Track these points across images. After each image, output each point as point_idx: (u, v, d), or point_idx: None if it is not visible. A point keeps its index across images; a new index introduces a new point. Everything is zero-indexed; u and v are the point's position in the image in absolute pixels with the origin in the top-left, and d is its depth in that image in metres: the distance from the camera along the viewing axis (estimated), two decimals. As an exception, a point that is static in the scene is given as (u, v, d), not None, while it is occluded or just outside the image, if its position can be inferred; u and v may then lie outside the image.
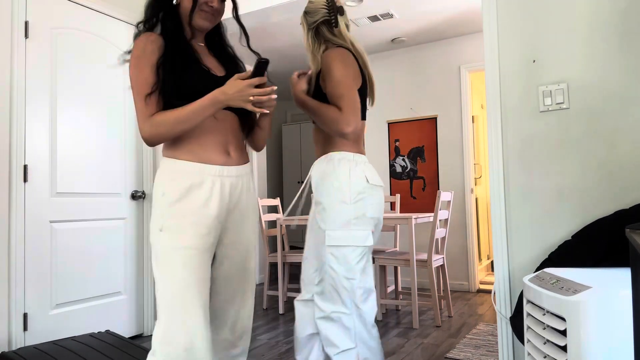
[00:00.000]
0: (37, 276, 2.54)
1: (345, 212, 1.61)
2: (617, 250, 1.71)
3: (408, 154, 4.95)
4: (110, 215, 2.95)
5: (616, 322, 1.31)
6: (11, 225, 2.43)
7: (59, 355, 2.04)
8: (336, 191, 1.62)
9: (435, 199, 3.90)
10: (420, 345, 2.91)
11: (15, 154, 2.46)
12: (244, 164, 1.42)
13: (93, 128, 2.87)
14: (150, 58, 1.29)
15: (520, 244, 2.05)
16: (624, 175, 1.86)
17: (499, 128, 2.11)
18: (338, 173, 1.64)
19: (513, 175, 2.08)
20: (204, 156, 1.32)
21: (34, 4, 2.60)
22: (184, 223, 1.28)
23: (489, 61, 2.14)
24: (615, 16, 1.90)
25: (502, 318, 2.08)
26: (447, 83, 4.77)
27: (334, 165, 1.65)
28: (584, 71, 1.95)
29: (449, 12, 4.14)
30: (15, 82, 2.48)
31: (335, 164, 1.65)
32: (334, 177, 1.64)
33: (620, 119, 1.88)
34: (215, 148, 1.34)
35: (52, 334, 2.59)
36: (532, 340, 1.58)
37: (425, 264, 3.41)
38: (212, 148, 1.33)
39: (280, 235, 3.91)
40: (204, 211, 1.30)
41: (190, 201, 1.29)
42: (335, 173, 1.64)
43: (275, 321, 3.60)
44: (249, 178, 1.44)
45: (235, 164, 1.37)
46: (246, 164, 1.43)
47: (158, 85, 1.28)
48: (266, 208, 5.58)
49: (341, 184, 1.62)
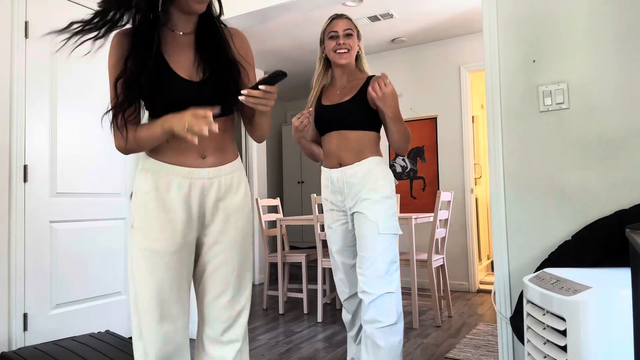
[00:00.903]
0: (37, 276, 2.54)
1: (391, 206, 1.96)
2: (617, 250, 1.71)
3: (408, 154, 4.95)
4: (110, 215, 2.95)
5: (616, 322, 1.31)
6: (11, 225, 2.43)
7: (59, 355, 2.04)
8: (382, 188, 1.95)
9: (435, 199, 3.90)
10: (420, 345, 2.91)
11: (15, 154, 2.46)
12: (223, 165, 1.38)
13: (93, 128, 2.87)
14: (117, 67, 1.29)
15: (520, 244, 2.05)
16: (624, 175, 1.86)
17: (499, 128, 2.10)
18: (385, 173, 1.99)
19: (513, 176, 2.08)
20: (174, 158, 1.32)
21: (34, 4, 2.60)
22: (151, 224, 1.29)
23: (489, 61, 2.14)
24: (615, 16, 1.90)
25: (502, 318, 2.08)
26: (447, 83, 4.77)
27: (381, 167, 1.99)
28: (584, 71, 1.95)
29: (449, 12, 4.14)
30: (15, 82, 2.48)
31: (381, 166, 2.00)
32: (378, 177, 1.96)
33: (620, 119, 1.88)
34: (188, 153, 1.33)
35: (52, 334, 2.59)
36: (532, 340, 1.58)
37: (425, 264, 3.41)
38: (184, 152, 1.33)
39: (280, 235, 3.91)
40: (170, 214, 1.30)
41: (157, 202, 1.30)
42: (382, 173, 1.98)
43: (275, 321, 3.60)
44: (232, 177, 1.40)
45: (209, 166, 1.35)
46: (226, 165, 1.39)
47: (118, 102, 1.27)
48: (266, 208, 5.58)
49: (386, 183, 1.97)
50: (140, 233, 1.30)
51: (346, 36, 2.05)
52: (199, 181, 1.34)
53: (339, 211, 2.07)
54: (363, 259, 1.93)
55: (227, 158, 1.40)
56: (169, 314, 1.31)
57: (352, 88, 2.07)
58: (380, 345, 1.87)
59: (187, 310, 1.36)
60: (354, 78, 2.11)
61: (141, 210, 1.31)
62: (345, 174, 1.99)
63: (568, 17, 1.98)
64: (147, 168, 1.34)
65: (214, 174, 1.36)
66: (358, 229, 1.97)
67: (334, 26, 2.07)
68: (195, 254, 1.40)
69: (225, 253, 1.39)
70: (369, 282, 1.90)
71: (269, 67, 5.57)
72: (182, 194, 1.32)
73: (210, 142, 1.36)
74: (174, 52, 1.33)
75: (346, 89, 2.08)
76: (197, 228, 1.36)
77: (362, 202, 1.96)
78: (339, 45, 2.04)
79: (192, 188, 1.33)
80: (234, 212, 1.40)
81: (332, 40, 2.06)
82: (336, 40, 2.05)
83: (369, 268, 1.91)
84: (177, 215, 1.31)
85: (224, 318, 1.39)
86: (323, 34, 2.12)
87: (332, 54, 2.07)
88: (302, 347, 2.91)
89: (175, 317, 1.32)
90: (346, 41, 2.04)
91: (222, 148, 1.39)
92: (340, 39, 2.04)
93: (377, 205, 1.93)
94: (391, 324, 1.88)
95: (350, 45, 2.05)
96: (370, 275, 1.90)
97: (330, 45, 2.07)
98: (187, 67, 1.34)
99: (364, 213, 1.94)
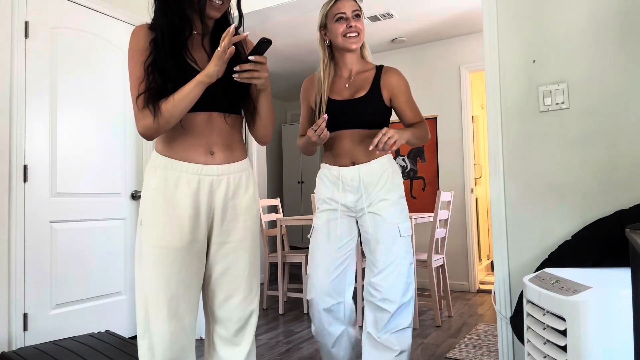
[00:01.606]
0: (37, 276, 2.54)
1: (405, 206, 1.90)
2: (617, 250, 1.71)
3: (408, 154, 4.95)
4: (110, 215, 2.95)
5: (616, 322, 1.31)
6: (11, 225, 2.43)
7: (59, 355, 2.04)
8: (397, 187, 1.89)
9: (435, 199, 3.90)
10: (420, 345, 2.91)
11: (15, 154, 2.46)
12: (232, 163, 1.40)
13: (93, 128, 2.87)
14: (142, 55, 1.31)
15: (520, 244, 2.05)
16: (624, 175, 1.86)
17: (499, 128, 2.10)
18: (398, 171, 1.93)
19: (513, 176, 2.08)
20: (183, 155, 1.34)
21: (34, 4, 2.60)
22: (158, 220, 1.30)
23: (489, 61, 2.14)
24: (615, 16, 1.90)
25: (502, 318, 2.08)
26: (447, 83, 4.77)
27: (394, 165, 1.93)
28: (584, 71, 1.95)
29: (449, 12, 4.14)
30: (15, 82, 2.48)
31: (394, 163, 1.93)
32: (394, 176, 1.89)
33: (620, 119, 1.88)
34: (196, 148, 1.34)
35: (52, 334, 2.59)
36: (532, 340, 1.58)
37: (425, 264, 3.41)
38: (194, 148, 1.34)
39: (280, 235, 3.91)
40: (177, 210, 1.31)
41: (166, 198, 1.31)
42: (397, 171, 1.92)
43: (275, 321, 3.60)
44: (241, 176, 1.41)
45: (218, 163, 1.37)
46: (235, 163, 1.41)
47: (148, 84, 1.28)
48: (266, 208, 5.58)
49: (400, 181, 1.91)
50: (149, 229, 1.31)
51: (355, 17, 1.87)
52: (208, 178, 1.35)
53: (342, 211, 1.90)
54: (383, 264, 1.81)
55: (235, 156, 1.42)
56: (177, 311, 1.30)
57: (363, 81, 1.92)
58: (395, 349, 1.80)
59: (195, 310, 1.36)
60: (361, 68, 1.95)
61: (150, 207, 1.32)
62: (361, 172, 1.86)
63: (568, 17, 1.98)
64: (157, 165, 1.35)
65: (223, 171, 1.37)
66: (374, 232, 1.84)
67: (341, 7, 1.86)
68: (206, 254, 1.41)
69: (236, 252, 1.40)
70: (392, 290, 1.79)
71: (269, 67, 5.57)
72: (191, 190, 1.33)
73: (218, 138, 1.38)
74: (192, 50, 1.39)
75: (356, 82, 1.93)
76: (207, 226, 1.36)
77: (379, 203, 1.84)
78: (350, 29, 1.84)
79: (201, 184, 1.34)
80: (243, 212, 1.41)
81: (340, 24, 1.85)
82: (345, 23, 1.85)
83: (391, 274, 1.79)
84: (185, 212, 1.31)
85: (236, 318, 1.40)
86: (325, 17, 1.92)
87: (341, 39, 1.86)
88: (302, 347, 2.91)
89: (183, 315, 1.32)
90: (356, 24, 1.86)
91: (230, 146, 1.41)
92: (351, 21, 1.85)
93: (395, 206, 1.84)
94: (406, 327, 1.82)
95: (360, 28, 1.87)
96: (394, 282, 1.79)
97: (338, 29, 1.86)
98: (202, 64, 1.38)
99: (381, 215, 1.83)
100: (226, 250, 1.39)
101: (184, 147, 1.34)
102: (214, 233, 1.38)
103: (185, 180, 1.33)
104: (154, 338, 1.29)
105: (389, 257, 1.80)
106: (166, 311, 1.29)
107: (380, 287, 1.80)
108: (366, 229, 1.86)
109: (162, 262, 1.29)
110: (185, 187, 1.32)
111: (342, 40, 1.86)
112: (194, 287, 1.35)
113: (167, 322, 1.29)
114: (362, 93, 1.89)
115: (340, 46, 1.88)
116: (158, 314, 1.29)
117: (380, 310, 1.81)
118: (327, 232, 1.91)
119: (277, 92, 6.67)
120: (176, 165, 1.33)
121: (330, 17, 1.88)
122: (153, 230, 1.30)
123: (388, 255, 1.81)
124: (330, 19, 1.88)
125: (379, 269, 1.81)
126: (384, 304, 1.79)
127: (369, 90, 1.89)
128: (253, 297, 1.43)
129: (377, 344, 1.82)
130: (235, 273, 1.40)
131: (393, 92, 1.91)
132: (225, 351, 1.40)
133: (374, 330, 1.83)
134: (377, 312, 1.82)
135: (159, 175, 1.33)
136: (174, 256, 1.30)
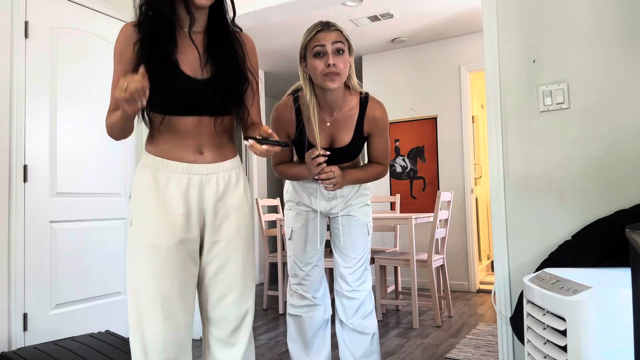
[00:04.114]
0: (37, 276, 2.54)
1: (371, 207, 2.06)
2: (617, 250, 1.71)
3: (408, 154, 4.95)
4: (110, 215, 2.95)
5: (616, 322, 1.31)
6: (11, 225, 2.43)
7: (59, 355, 2.04)
8: (368, 190, 2.04)
9: (435, 199, 3.90)
10: (420, 345, 2.91)
11: (15, 154, 2.46)
12: (221, 162, 1.39)
13: (93, 128, 2.87)
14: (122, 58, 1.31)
15: (520, 244, 2.05)
16: (624, 175, 1.86)
17: (499, 128, 2.10)
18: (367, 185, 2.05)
19: (513, 176, 2.08)
20: (172, 154, 1.34)
21: (34, 4, 2.60)
22: (149, 220, 1.30)
23: (489, 61, 2.14)
24: (615, 16, 1.90)
25: (502, 318, 2.08)
26: (447, 83, 4.77)
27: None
28: (584, 71, 1.95)
29: (449, 12, 4.14)
30: (15, 82, 2.48)
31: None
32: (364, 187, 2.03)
33: (620, 119, 1.88)
34: (185, 148, 1.34)
35: (52, 334, 2.59)
36: (532, 340, 1.58)
37: (425, 264, 3.41)
38: (183, 148, 1.34)
39: (280, 236, 3.91)
40: (168, 208, 1.31)
41: (156, 198, 1.31)
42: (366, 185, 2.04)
43: (275, 321, 3.60)
44: (231, 174, 1.40)
45: (208, 162, 1.36)
46: (225, 161, 1.40)
47: None
48: (266, 208, 5.58)
49: (369, 186, 2.06)
50: (140, 229, 1.30)
51: (336, 53, 1.66)
52: (197, 177, 1.34)
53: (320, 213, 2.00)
54: (354, 260, 1.98)
55: (225, 155, 1.41)
56: (172, 311, 1.29)
57: (345, 123, 1.82)
58: (368, 333, 1.97)
59: (190, 310, 1.35)
60: (344, 105, 1.80)
61: (140, 206, 1.32)
62: (342, 191, 1.98)
63: (568, 17, 1.98)
64: (147, 165, 1.35)
65: (212, 170, 1.37)
66: (346, 231, 1.98)
67: (320, 39, 1.65)
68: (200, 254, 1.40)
69: (228, 251, 1.39)
70: (360, 281, 1.98)
71: (269, 67, 5.57)
72: (181, 189, 1.32)
73: (208, 138, 1.37)
74: (181, 48, 1.34)
75: (338, 122, 1.82)
76: (199, 225, 1.36)
77: (352, 206, 1.99)
78: (329, 68, 1.64)
79: (191, 183, 1.33)
80: (234, 210, 1.40)
81: (319, 60, 1.65)
82: (324, 60, 1.64)
83: (360, 268, 1.98)
84: (175, 210, 1.31)
85: (231, 318, 1.39)
86: (304, 49, 1.72)
87: (320, 78, 1.66)
88: (302, 347, 2.90)
89: (179, 315, 1.31)
90: (336, 61, 1.64)
91: (220, 145, 1.40)
92: (330, 58, 1.64)
93: (366, 208, 2.01)
94: (372, 310, 2.00)
95: (341, 68, 1.66)
96: (362, 275, 1.99)
97: (317, 67, 1.65)
98: (192, 64, 1.34)
99: (354, 216, 1.98)
100: (219, 249, 1.38)
101: (174, 147, 1.34)
102: (206, 232, 1.37)
103: (175, 180, 1.32)
104: (148, 339, 1.28)
105: (358, 253, 1.98)
106: (160, 311, 1.28)
107: (349, 280, 1.97)
108: (338, 227, 1.99)
109: (155, 261, 1.28)
110: (176, 186, 1.32)
111: (320, 80, 1.67)
112: (189, 287, 1.34)
113: (162, 322, 1.28)
114: (345, 138, 1.83)
115: (319, 85, 1.71)
116: (152, 314, 1.28)
117: (350, 299, 1.97)
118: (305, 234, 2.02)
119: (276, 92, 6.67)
120: (166, 164, 1.33)
121: (310, 50, 1.69)
122: (144, 229, 1.30)
123: (357, 251, 1.98)
124: (309, 51, 1.69)
125: (350, 264, 1.98)
126: (354, 294, 1.96)
127: (352, 138, 1.83)
128: (248, 295, 1.42)
129: (350, 330, 1.98)
130: (229, 271, 1.38)
131: (371, 129, 1.88)
132: (221, 352, 1.39)
133: (346, 317, 1.99)
134: (347, 301, 1.98)
135: (149, 175, 1.33)
136: (166, 255, 1.29)
